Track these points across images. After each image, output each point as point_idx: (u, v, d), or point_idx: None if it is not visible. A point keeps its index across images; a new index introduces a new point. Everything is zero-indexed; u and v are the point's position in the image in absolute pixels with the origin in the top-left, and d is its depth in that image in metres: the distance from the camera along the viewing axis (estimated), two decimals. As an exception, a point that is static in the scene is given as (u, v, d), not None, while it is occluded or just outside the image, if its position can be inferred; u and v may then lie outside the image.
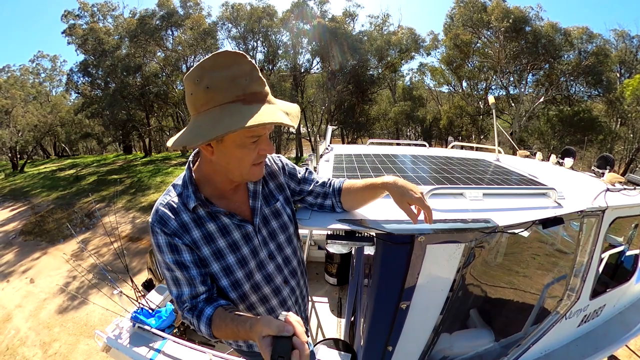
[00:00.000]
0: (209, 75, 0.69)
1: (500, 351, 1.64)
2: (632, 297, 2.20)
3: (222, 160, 0.79)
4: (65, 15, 16.63)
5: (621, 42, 14.80)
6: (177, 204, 0.82)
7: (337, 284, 2.94)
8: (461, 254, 1.01)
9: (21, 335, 3.86)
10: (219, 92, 0.69)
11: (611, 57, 13.55)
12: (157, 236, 0.81)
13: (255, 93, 0.72)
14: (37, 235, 7.46)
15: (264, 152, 0.80)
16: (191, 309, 0.83)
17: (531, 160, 2.62)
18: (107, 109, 15.79)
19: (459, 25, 14.66)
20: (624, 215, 1.61)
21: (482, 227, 0.93)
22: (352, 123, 16.71)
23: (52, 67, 22.22)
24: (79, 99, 19.27)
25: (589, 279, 1.59)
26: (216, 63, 0.69)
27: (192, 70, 0.72)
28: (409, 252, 0.97)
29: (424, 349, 1.26)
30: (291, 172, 1.04)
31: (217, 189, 0.87)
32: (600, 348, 1.79)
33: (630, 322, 2.00)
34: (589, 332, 1.90)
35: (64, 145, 24.80)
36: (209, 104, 0.71)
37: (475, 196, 1.16)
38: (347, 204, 1.03)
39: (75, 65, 17.19)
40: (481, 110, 15.94)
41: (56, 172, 15.33)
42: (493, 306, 1.78)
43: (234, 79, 0.69)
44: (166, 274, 0.85)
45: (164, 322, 2.09)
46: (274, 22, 15.63)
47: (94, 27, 16.10)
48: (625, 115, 12.83)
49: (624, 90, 11.68)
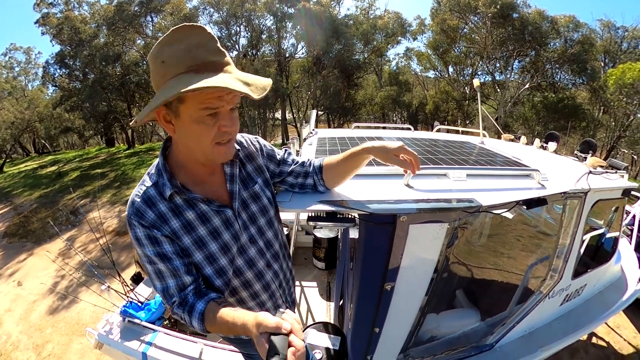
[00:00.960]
0: (166, 50, 0.68)
1: (487, 330, 1.68)
2: (611, 277, 2.28)
3: (183, 139, 0.77)
4: (38, 3, 15.63)
5: (606, 32, 14.94)
6: (153, 194, 0.79)
7: (325, 269, 2.98)
8: (445, 234, 1.01)
9: (13, 340, 3.78)
10: (173, 65, 0.68)
11: (596, 47, 13.74)
12: (135, 229, 0.78)
13: (209, 62, 0.69)
14: (21, 236, 7.22)
15: (225, 128, 0.75)
16: (181, 304, 0.80)
17: (515, 143, 2.66)
18: (86, 101, 15.13)
19: (446, 10, 14.53)
20: (605, 197, 1.65)
21: (465, 206, 0.93)
22: (338, 108, 16.56)
23: (26, 59, 21.04)
24: (56, 92, 18.39)
25: (571, 260, 1.63)
26: (173, 37, 0.68)
27: (153, 47, 0.71)
28: (391, 233, 0.96)
29: (411, 330, 1.28)
30: (270, 153, 1.01)
31: (192, 174, 0.84)
32: (581, 325, 1.86)
33: (609, 301, 2.08)
34: (570, 310, 1.97)
35: (44, 142, 23.84)
36: (165, 78, 0.69)
37: (459, 177, 1.16)
38: (330, 180, 1.02)
39: (51, 56, 16.26)
40: (467, 96, 16.03)
41: (37, 170, 14.76)
42: (479, 286, 1.83)
43: (188, 50, 0.68)
44: (148, 268, 0.82)
45: (154, 315, 2.07)
46: (257, 6, 15.13)
47: (69, 16, 15.23)
48: (608, 104, 13.09)
49: (608, 80, 11.88)
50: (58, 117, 19.60)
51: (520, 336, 1.74)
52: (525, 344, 1.72)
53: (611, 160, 1.91)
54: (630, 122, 12.23)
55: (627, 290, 2.20)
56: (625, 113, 12.25)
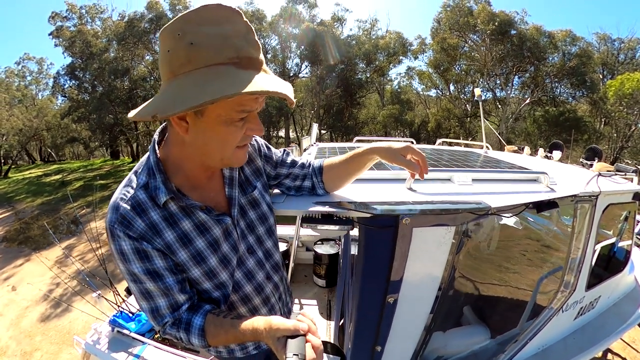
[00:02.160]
0: (195, 30, 0.55)
1: (497, 348, 1.57)
2: (625, 287, 2.18)
3: (199, 140, 0.63)
4: (53, 16, 16.31)
5: (603, 44, 15.26)
6: (143, 199, 0.66)
7: (325, 286, 2.86)
8: (451, 239, 0.94)
9: (1, 345, 3.69)
10: (207, 50, 0.55)
11: (594, 59, 13.93)
12: (120, 241, 0.64)
13: (251, 58, 0.58)
14: (20, 242, 7.23)
15: (252, 132, 0.66)
16: (174, 324, 0.71)
17: (519, 154, 2.62)
18: (94, 112, 15.44)
19: (446, 29, 14.86)
20: (616, 201, 1.58)
21: (473, 208, 0.87)
22: (340, 127, 16.72)
23: (38, 69, 21.81)
24: (65, 103, 18.84)
25: (585, 270, 1.55)
26: (204, 17, 0.55)
27: (172, 22, 0.57)
28: (393, 237, 0.88)
29: (416, 348, 1.17)
30: (267, 154, 0.92)
31: (190, 178, 0.72)
32: (597, 340, 1.73)
33: (625, 313, 1.96)
34: (585, 324, 1.85)
35: (50, 150, 24.23)
36: (192, 65, 0.56)
37: (464, 181, 1.09)
38: (330, 183, 0.94)
39: (62, 68, 16.80)
40: (468, 113, 16.18)
41: (41, 178, 14.91)
42: (487, 302, 1.73)
43: (226, 38, 0.56)
44: (133, 287, 0.69)
45: (144, 326, 1.98)
46: (262, 26, 15.60)
47: (81, 30, 15.80)
48: (609, 115, 13.17)
49: (607, 91, 12.02)
50: (65, 127, 20.02)
51: (534, 354, 1.62)
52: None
53: (618, 165, 1.86)
54: (632, 132, 12.24)
55: None
56: (626, 123, 12.27)
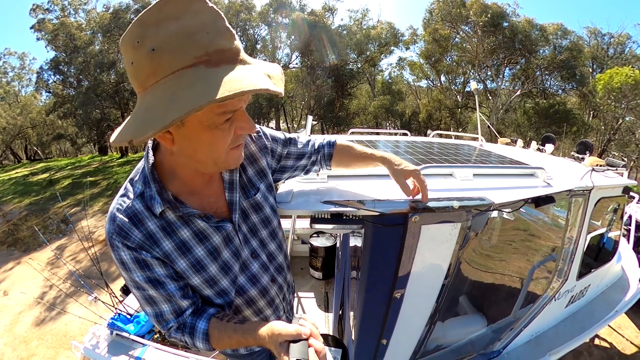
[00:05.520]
0: (154, 33, 0.48)
1: (493, 336, 1.63)
2: (613, 276, 2.28)
3: (188, 149, 0.59)
4: (34, 9, 15.64)
5: (593, 39, 15.46)
6: (139, 209, 0.64)
7: (322, 278, 2.89)
8: (457, 235, 0.96)
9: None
10: (170, 55, 0.48)
11: (584, 53, 14.15)
12: (119, 251, 0.64)
13: (222, 51, 0.51)
14: (9, 244, 7.01)
15: (243, 131, 0.62)
16: (179, 328, 0.72)
17: (512, 147, 2.66)
18: (80, 108, 15.02)
19: (438, 20, 14.84)
20: (607, 195, 1.64)
21: (479, 204, 0.88)
22: (332, 117, 16.69)
23: (20, 65, 20.90)
24: (50, 99, 18.23)
25: (576, 260, 1.61)
26: (162, 14, 0.48)
27: (129, 29, 0.50)
28: (402, 235, 0.90)
29: (420, 340, 1.21)
30: (274, 136, 0.90)
31: (187, 184, 0.69)
32: (587, 327, 1.83)
33: (613, 301, 2.07)
34: (575, 312, 1.94)
35: (36, 148, 23.52)
36: (158, 74, 0.49)
37: (466, 176, 1.12)
38: (334, 168, 0.99)
39: (46, 62, 16.19)
40: (459, 104, 16.30)
41: (28, 177, 14.47)
42: (482, 291, 1.78)
43: (190, 34, 0.48)
44: (136, 293, 0.70)
45: (143, 328, 1.97)
46: (252, 16, 15.31)
47: (64, 22, 15.23)
48: (597, 108, 13.47)
49: (596, 85, 12.27)
50: (51, 124, 19.44)
51: (527, 341, 1.70)
52: (533, 348, 1.68)
53: (609, 159, 1.90)
54: (620, 125, 12.55)
55: (630, 289, 2.20)
56: (614, 117, 12.57)
